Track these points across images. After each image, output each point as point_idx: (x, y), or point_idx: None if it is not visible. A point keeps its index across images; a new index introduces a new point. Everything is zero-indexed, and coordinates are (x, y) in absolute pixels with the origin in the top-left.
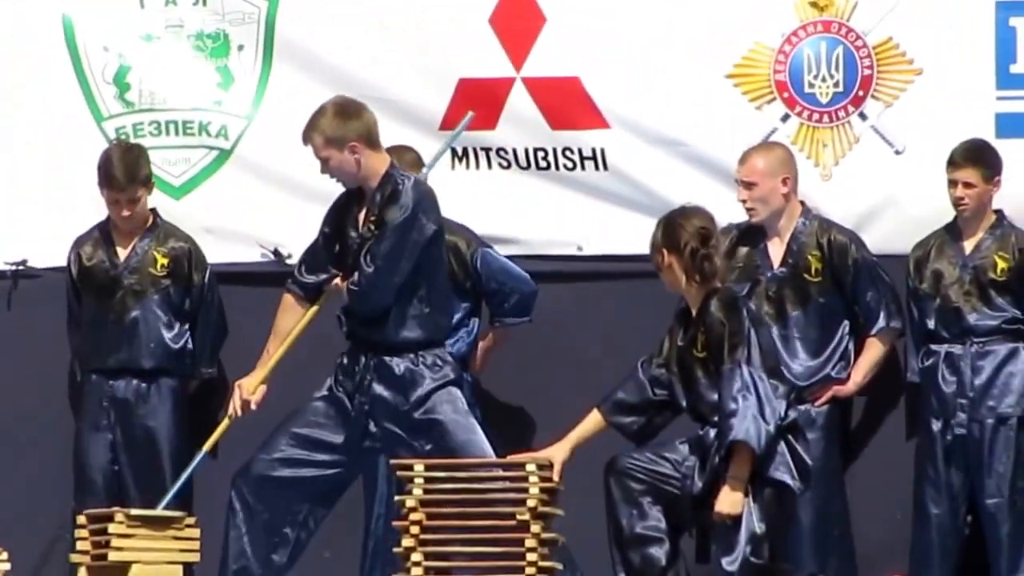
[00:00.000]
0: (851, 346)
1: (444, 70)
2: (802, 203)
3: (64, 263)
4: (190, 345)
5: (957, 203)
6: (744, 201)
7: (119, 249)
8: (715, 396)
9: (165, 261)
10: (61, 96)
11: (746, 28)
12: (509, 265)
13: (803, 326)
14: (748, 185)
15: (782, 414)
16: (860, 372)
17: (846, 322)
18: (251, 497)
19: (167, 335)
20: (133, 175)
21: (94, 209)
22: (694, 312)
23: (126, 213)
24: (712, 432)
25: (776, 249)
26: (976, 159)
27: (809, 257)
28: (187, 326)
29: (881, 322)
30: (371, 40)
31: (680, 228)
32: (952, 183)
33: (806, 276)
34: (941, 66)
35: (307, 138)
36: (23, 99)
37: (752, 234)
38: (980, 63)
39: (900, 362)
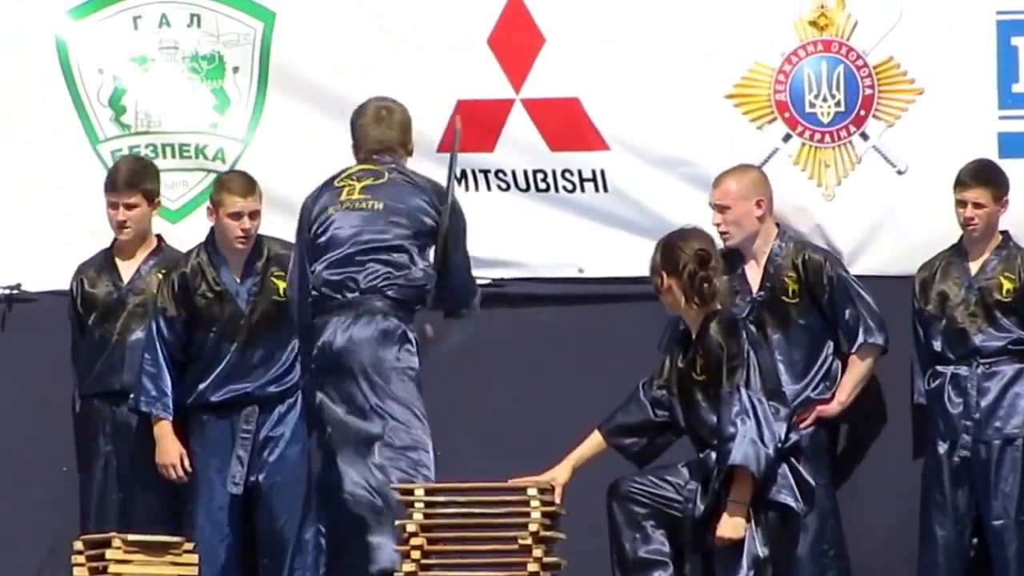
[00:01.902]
0: (836, 366)
1: (442, 92)
2: (778, 225)
3: (59, 287)
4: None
5: (967, 224)
6: (718, 224)
7: (123, 272)
8: (714, 419)
9: None
10: (56, 118)
11: (745, 48)
12: None
13: (785, 349)
14: (721, 208)
15: (782, 436)
16: (844, 391)
17: (830, 342)
18: None
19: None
20: (133, 181)
21: (90, 232)
22: (694, 335)
23: (121, 218)
24: (713, 455)
25: (754, 273)
26: (986, 179)
27: (786, 279)
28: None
29: (860, 338)
30: (368, 61)
31: (679, 250)
32: (961, 203)
33: (784, 298)
34: (943, 85)
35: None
36: (17, 122)
37: (730, 259)
38: (982, 82)
39: (907, 383)
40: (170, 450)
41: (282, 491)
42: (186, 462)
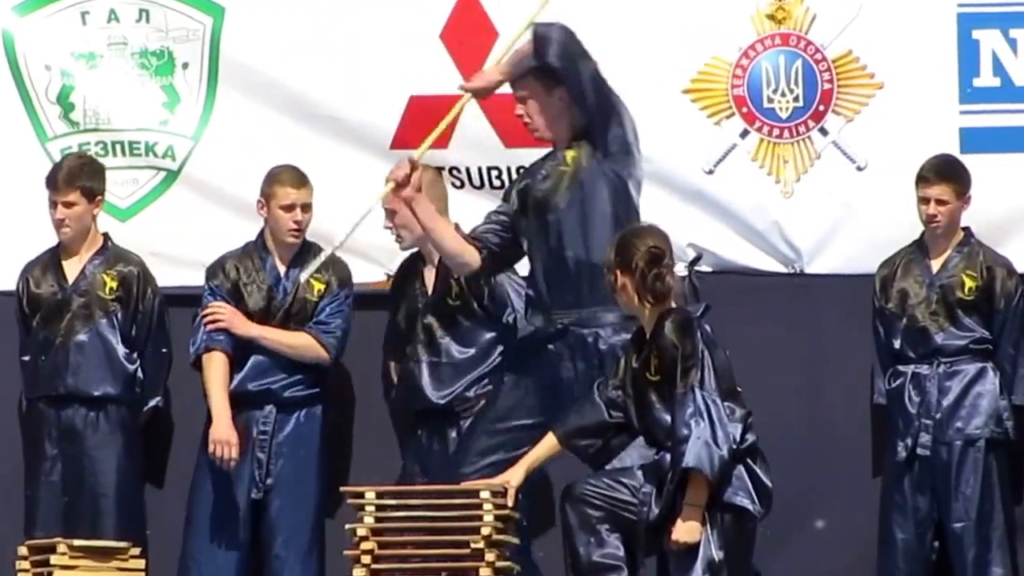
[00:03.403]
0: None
1: (394, 87)
2: (457, 226)
3: (6, 287)
4: (140, 373)
5: (930, 220)
6: (390, 228)
7: (68, 272)
8: (669, 420)
9: (114, 284)
10: (4, 115)
11: (702, 42)
12: None
13: (452, 351)
14: (390, 212)
15: (737, 437)
16: None
17: (499, 345)
18: None
19: (116, 361)
20: (72, 178)
21: (38, 231)
22: (648, 334)
23: (60, 216)
24: (668, 457)
25: (430, 274)
26: (948, 175)
27: (452, 280)
28: (136, 352)
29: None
30: (319, 57)
31: (632, 247)
32: (924, 200)
33: (449, 300)
34: (903, 80)
35: None
36: None
37: (415, 261)
38: (943, 77)
39: (867, 383)
40: (224, 427)
41: (289, 505)
42: (236, 451)
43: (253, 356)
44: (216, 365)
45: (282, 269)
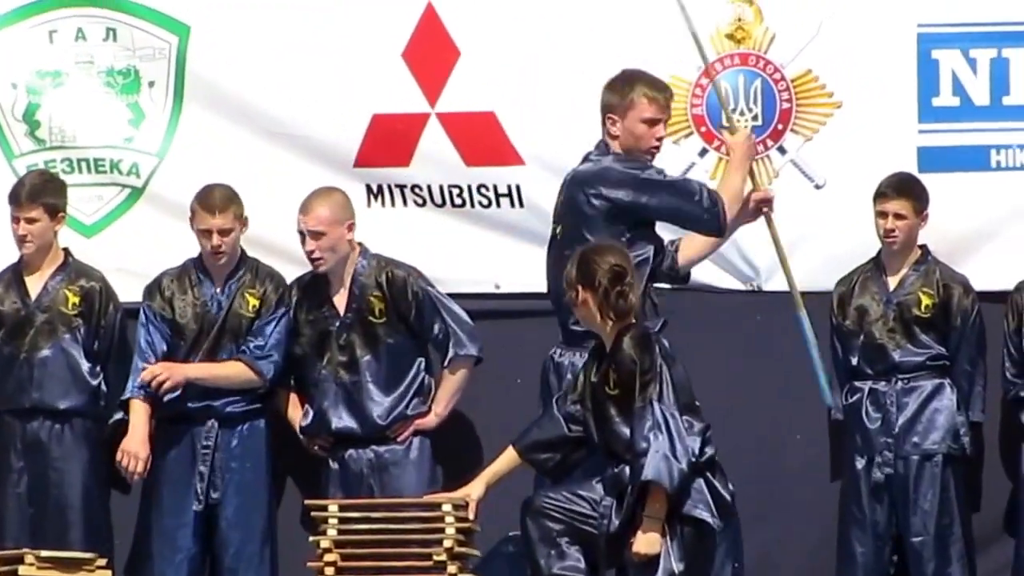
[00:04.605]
0: (429, 381)
1: (357, 106)
2: (360, 244)
3: None
4: (104, 386)
5: (886, 236)
6: (311, 252)
7: (30, 288)
8: (628, 434)
9: (76, 300)
10: None
11: (662, 61)
12: None
13: (376, 369)
14: (316, 235)
15: (696, 451)
16: (440, 404)
17: (420, 359)
18: None
19: (80, 375)
20: (35, 194)
21: (5, 249)
22: (607, 349)
23: (22, 232)
24: (627, 470)
25: (341, 296)
26: (907, 191)
27: (371, 298)
28: (99, 366)
29: (450, 352)
30: (283, 75)
31: (594, 265)
32: (882, 215)
33: (371, 318)
34: (862, 99)
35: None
36: None
37: (316, 284)
38: (902, 96)
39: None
40: (137, 440)
41: (237, 518)
42: (142, 466)
43: None
44: (139, 407)
45: (218, 285)
